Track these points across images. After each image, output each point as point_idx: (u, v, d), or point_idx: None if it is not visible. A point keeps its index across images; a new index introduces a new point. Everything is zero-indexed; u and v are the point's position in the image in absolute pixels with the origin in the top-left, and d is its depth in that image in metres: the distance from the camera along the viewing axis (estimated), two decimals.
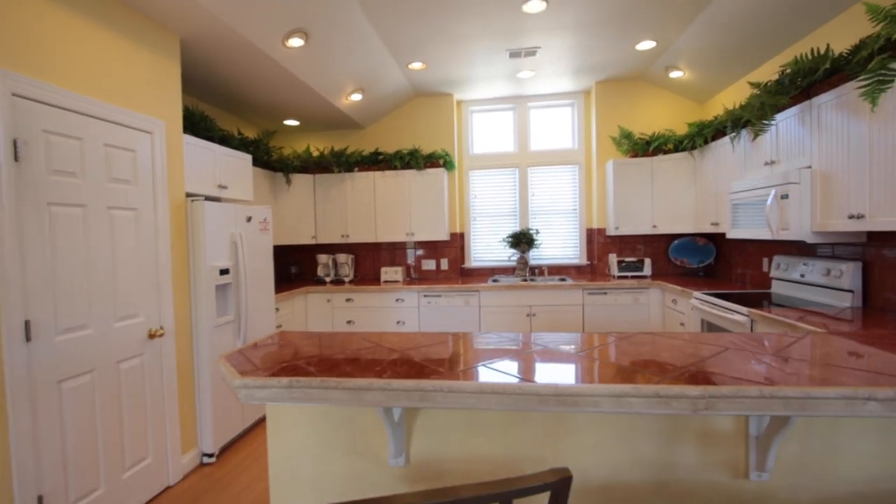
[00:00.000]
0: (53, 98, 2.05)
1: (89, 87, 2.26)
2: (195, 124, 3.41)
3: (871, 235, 2.67)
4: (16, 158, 1.90)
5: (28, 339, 1.93)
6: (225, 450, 3.16)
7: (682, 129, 4.70)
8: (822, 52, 2.53)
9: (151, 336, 2.57)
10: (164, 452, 2.67)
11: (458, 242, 5.31)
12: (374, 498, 0.65)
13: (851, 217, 2.39)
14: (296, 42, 3.17)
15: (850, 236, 2.73)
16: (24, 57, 1.96)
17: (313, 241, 5.09)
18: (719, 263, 4.57)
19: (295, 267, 5.51)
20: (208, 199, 3.31)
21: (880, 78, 2.03)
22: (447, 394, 1.07)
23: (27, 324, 1.93)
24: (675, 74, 4.40)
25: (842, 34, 2.87)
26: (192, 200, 2.94)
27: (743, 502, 1.30)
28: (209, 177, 3.27)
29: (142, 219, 2.56)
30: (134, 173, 2.52)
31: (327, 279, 5.12)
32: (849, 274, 2.71)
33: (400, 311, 4.67)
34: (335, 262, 5.24)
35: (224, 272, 3.12)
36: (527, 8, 3.23)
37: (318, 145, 5.45)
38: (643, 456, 1.34)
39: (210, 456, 3.00)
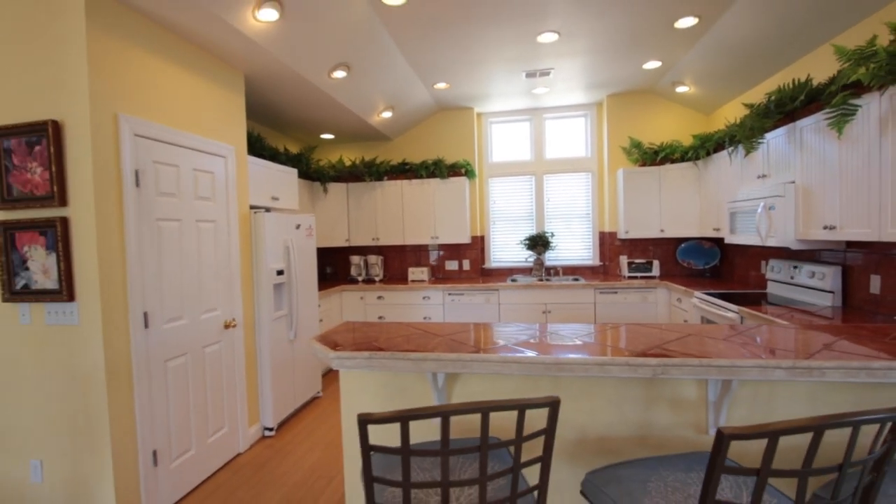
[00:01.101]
0: (159, 134, 2.57)
1: (181, 122, 2.78)
2: (251, 144, 3.93)
3: (850, 243, 3.01)
4: (136, 185, 2.42)
5: (146, 326, 2.45)
6: (282, 425, 3.68)
7: (688, 140, 5.04)
8: (803, 81, 2.89)
9: (226, 326, 3.09)
10: (236, 424, 3.19)
11: (478, 244, 5.75)
12: (428, 407, 1.09)
13: (826, 228, 2.75)
14: (339, 74, 3.66)
15: (831, 243, 3.08)
16: (140, 103, 2.48)
17: (347, 244, 5.60)
18: (724, 265, 4.91)
19: (330, 267, 6.03)
20: (266, 209, 3.82)
21: (844, 111, 2.40)
22: (480, 363, 1.52)
23: (145, 315, 2.45)
24: (681, 89, 4.76)
25: (829, 61, 3.21)
26: (255, 212, 3.46)
27: (704, 451, 1.72)
28: (265, 190, 3.78)
29: (218, 229, 3.08)
30: (212, 191, 3.03)
31: (359, 278, 5.62)
32: (830, 277, 3.07)
33: (426, 308, 5.14)
34: (366, 263, 5.73)
35: (280, 273, 3.63)
36: (541, 39, 3.65)
37: (349, 156, 5.95)
38: (627, 417, 1.77)
39: (270, 430, 3.52)
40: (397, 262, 5.90)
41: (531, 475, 1.73)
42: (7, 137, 2.27)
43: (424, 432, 1.87)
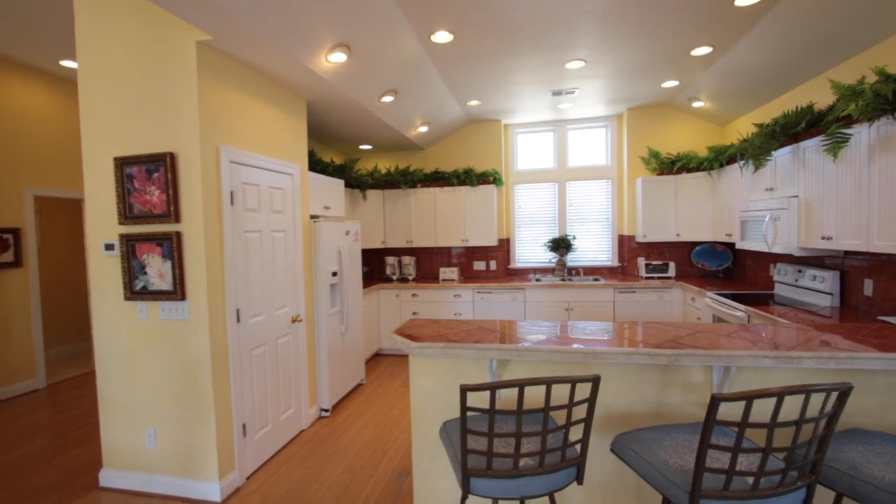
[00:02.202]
0: (246, 160, 3.04)
1: (260, 147, 3.25)
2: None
3: (847, 251, 3.36)
4: (231, 203, 2.89)
5: (238, 320, 2.94)
6: (335, 407, 4.16)
7: (703, 151, 5.38)
8: (805, 107, 3.24)
9: (293, 321, 3.57)
10: (300, 405, 3.67)
11: (504, 246, 6.16)
12: (509, 380, 1.52)
13: (823, 238, 3.11)
14: (388, 98, 4.10)
15: (830, 251, 3.43)
16: (233, 134, 2.95)
17: (382, 245, 6.06)
18: (736, 267, 5.25)
19: (366, 267, 6.51)
20: (321, 218, 4.29)
21: (837, 139, 2.76)
22: (532, 352, 1.94)
23: (237, 311, 2.93)
24: (697, 104, 5.10)
25: (829, 87, 3.54)
26: (314, 221, 3.92)
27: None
28: (318, 200, 4.24)
29: (287, 237, 3.55)
30: (283, 205, 3.51)
31: (394, 277, 6.08)
32: (829, 280, 3.42)
33: (457, 305, 5.58)
34: (400, 263, 6.19)
35: (334, 274, 4.10)
36: (568, 66, 4.04)
37: (384, 164, 6.40)
38: (646, 397, 2.18)
39: (326, 411, 4.00)
40: (429, 263, 6.35)
41: (572, 436, 2.15)
42: (129, 165, 2.76)
43: (480, 403, 2.31)
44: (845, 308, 3.33)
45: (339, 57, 3.11)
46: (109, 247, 2.83)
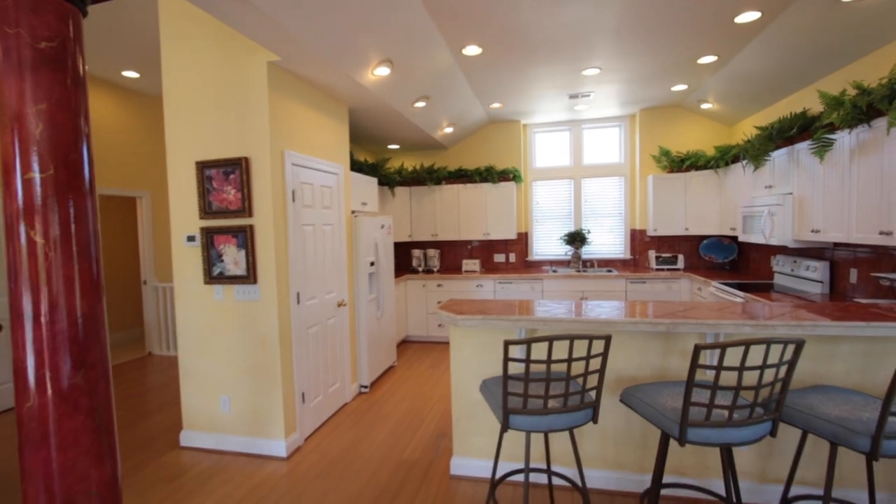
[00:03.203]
0: (303, 162, 3.51)
1: (313, 150, 3.72)
2: None
3: (837, 243, 3.72)
4: (293, 200, 3.36)
5: (298, 302, 3.41)
6: (372, 384, 4.65)
7: (711, 150, 5.73)
8: (798, 113, 3.60)
9: (339, 305, 4.04)
10: (344, 380, 4.15)
11: (523, 240, 6.58)
12: (541, 336, 1.94)
13: (813, 231, 3.48)
14: (420, 104, 4.54)
15: (821, 243, 3.79)
16: (293, 139, 3.42)
17: (409, 239, 6.52)
18: (741, 259, 5.61)
19: (394, 259, 6.97)
20: (360, 213, 4.75)
21: (823, 143, 3.13)
22: (556, 322, 2.37)
23: (298, 294, 3.41)
24: (705, 106, 5.45)
25: (831, 87, 3.89)
26: (355, 216, 4.39)
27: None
28: (357, 197, 4.71)
29: (333, 230, 4.02)
30: (331, 201, 3.97)
31: (419, 269, 6.53)
32: (820, 270, 3.78)
33: (479, 294, 6.02)
34: (426, 256, 6.65)
35: (371, 264, 4.57)
36: (585, 73, 4.43)
37: (409, 162, 6.85)
38: (650, 363, 2.60)
39: (365, 387, 4.48)
40: (452, 255, 6.80)
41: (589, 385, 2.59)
42: (209, 168, 3.24)
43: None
44: (834, 294, 3.70)
45: (383, 71, 3.56)
46: (191, 238, 3.32)
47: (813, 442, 2.46)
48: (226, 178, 3.21)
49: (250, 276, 3.20)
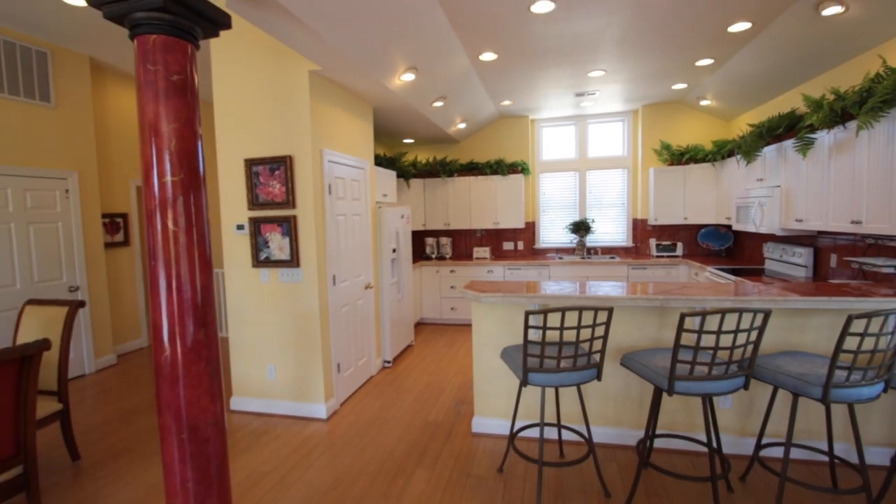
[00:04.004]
0: (337, 159, 3.90)
1: (344, 148, 4.11)
2: None
3: (820, 231, 4.10)
4: (329, 193, 3.77)
5: (333, 284, 3.83)
6: (394, 360, 5.09)
7: (708, 144, 6.08)
8: (786, 113, 3.96)
9: (366, 287, 4.46)
10: (370, 355, 4.59)
11: (530, 229, 6.97)
12: (555, 307, 2.35)
13: (797, 220, 3.86)
14: (438, 104, 4.91)
15: (806, 231, 4.16)
16: (330, 139, 3.81)
17: (423, 228, 6.93)
18: (736, 247, 5.99)
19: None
20: (382, 204, 5.15)
21: (805, 142, 3.50)
22: (565, 298, 2.78)
23: (333, 277, 3.83)
24: (704, 103, 5.79)
25: (816, 89, 4.24)
26: (379, 207, 4.79)
27: None
28: (379, 189, 5.10)
29: (361, 220, 4.42)
30: (359, 193, 4.37)
31: (433, 256, 6.94)
32: (804, 255, 4.17)
33: (490, 279, 6.41)
34: (438, 244, 7.05)
35: (393, 251, 4.98)
36: (591, 74, 4.79)
37: (423, 155, 7.23)
38: (647, 335, 3.01)
39: (388, 362, 4.92)
40: (463, 243, 7.20)
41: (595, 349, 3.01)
42: (256, 165, 3.64)
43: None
44: (817, 277, 4.09)
45: (408, 77, 3.93)
46: (240, 227, 3.73)
47: (783, 399, 2.88)
48: (271, 174, 3.61)
49: (293, 261, 3.62)
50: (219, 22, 1.94)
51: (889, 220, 2.81)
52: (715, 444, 2.65)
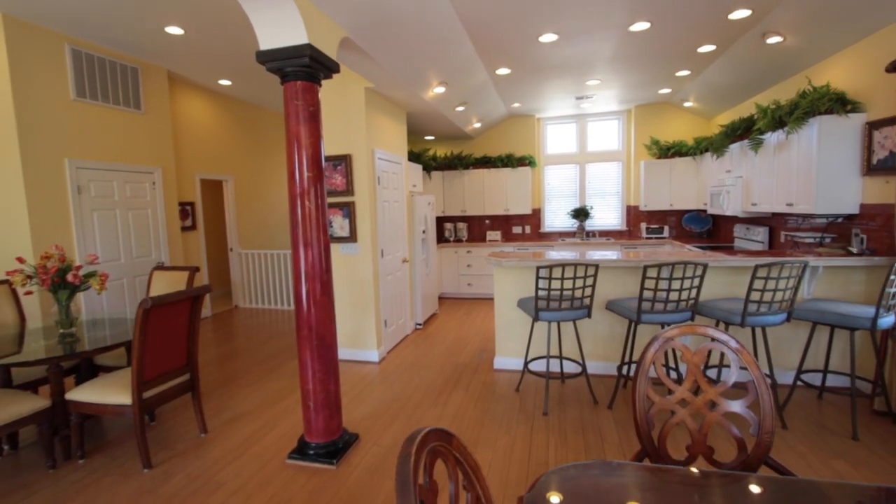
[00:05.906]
0: (383, 156, 4.86)
1: (386, 147, 5.06)
2: None
3: (775, 213, 5.04)
4: (378, 184, 4.73)
5: (382, 256, 4.81)
6: (424, 323, 6.09)
7: (691, 141, 6.99)
8: (746, 117, 4.88)
9: (403, 261, 5.44)
10: (406, 317, 5.59)
11: (537, 215, 7.92)
12: (559, 262, 3.32)
13: (752, 204, 4.80)
14: (460, 108, 5.85)
15: (760, 213, 5.10)
16: (378, 140, 4.77)
17: (442, 214, 7.89)
18: (714, 229, 6.93)
19: None
20: (414, 194, 6.10)
21: (756, 141, 4.43)
22: (567, 263, 3.75)
23: (382, 251, 4.81)
24: (687, 104, 6.69)
25: (780, 94, 5.14)
26: (412, 195, 5.75)
27: None
28: (409, 180, 6.04)
29: (399, 206, 5.38)
30: (397, 184, 5.33)
31: (451, 239, 7.90)
32: (760, 233, 5.11)
33: None
34: (455, 228, 8.01)
35: (423, 232, 5.95)
36: (588, 83, 5.71)
37: (441, 150, 8.16)
38: (627, 290, 3.98)
39: (419, 324, 5.92)
40: (477, 228, 8.17)
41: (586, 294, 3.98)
42: (327, 161, 4.59)
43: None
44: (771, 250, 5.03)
45: (440, 89, 4.87)
46: None
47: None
48: (335, 168, 4.58)
49: (352, 237, 4.60)
50: (333, 69, 2.90)
51: (808, 202, 3.75)
52: (673, 367, 3.64)
